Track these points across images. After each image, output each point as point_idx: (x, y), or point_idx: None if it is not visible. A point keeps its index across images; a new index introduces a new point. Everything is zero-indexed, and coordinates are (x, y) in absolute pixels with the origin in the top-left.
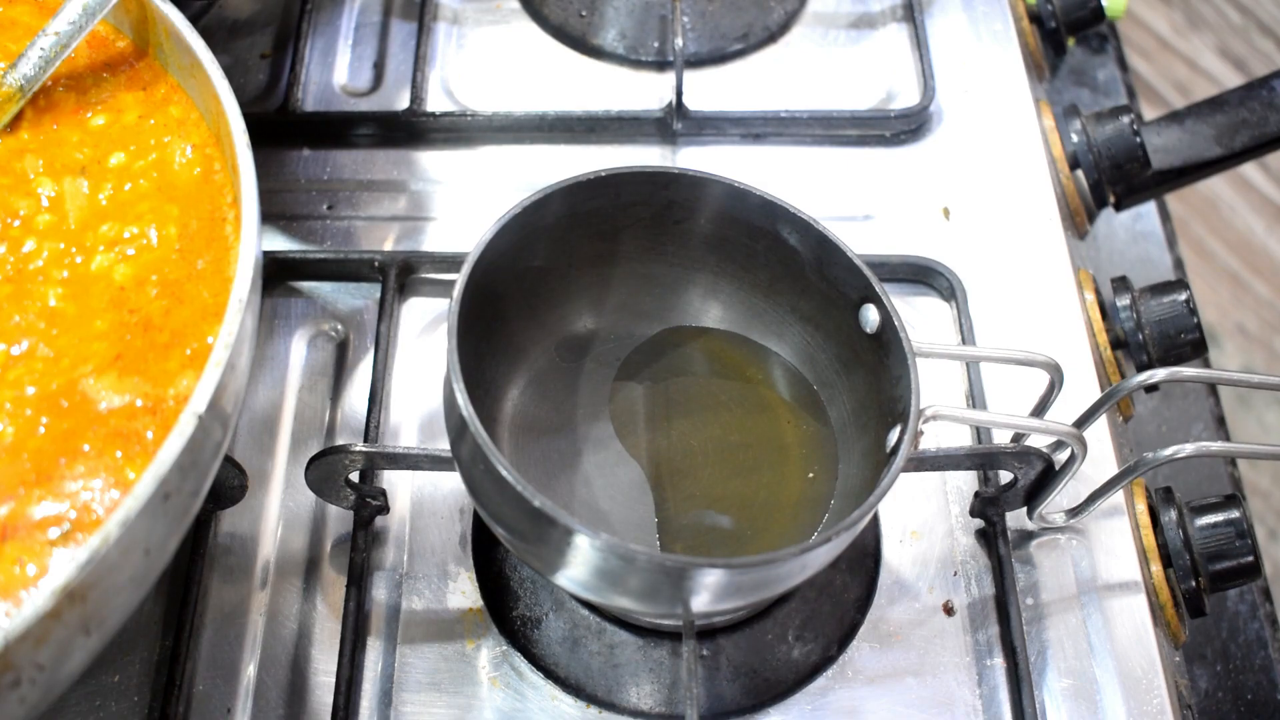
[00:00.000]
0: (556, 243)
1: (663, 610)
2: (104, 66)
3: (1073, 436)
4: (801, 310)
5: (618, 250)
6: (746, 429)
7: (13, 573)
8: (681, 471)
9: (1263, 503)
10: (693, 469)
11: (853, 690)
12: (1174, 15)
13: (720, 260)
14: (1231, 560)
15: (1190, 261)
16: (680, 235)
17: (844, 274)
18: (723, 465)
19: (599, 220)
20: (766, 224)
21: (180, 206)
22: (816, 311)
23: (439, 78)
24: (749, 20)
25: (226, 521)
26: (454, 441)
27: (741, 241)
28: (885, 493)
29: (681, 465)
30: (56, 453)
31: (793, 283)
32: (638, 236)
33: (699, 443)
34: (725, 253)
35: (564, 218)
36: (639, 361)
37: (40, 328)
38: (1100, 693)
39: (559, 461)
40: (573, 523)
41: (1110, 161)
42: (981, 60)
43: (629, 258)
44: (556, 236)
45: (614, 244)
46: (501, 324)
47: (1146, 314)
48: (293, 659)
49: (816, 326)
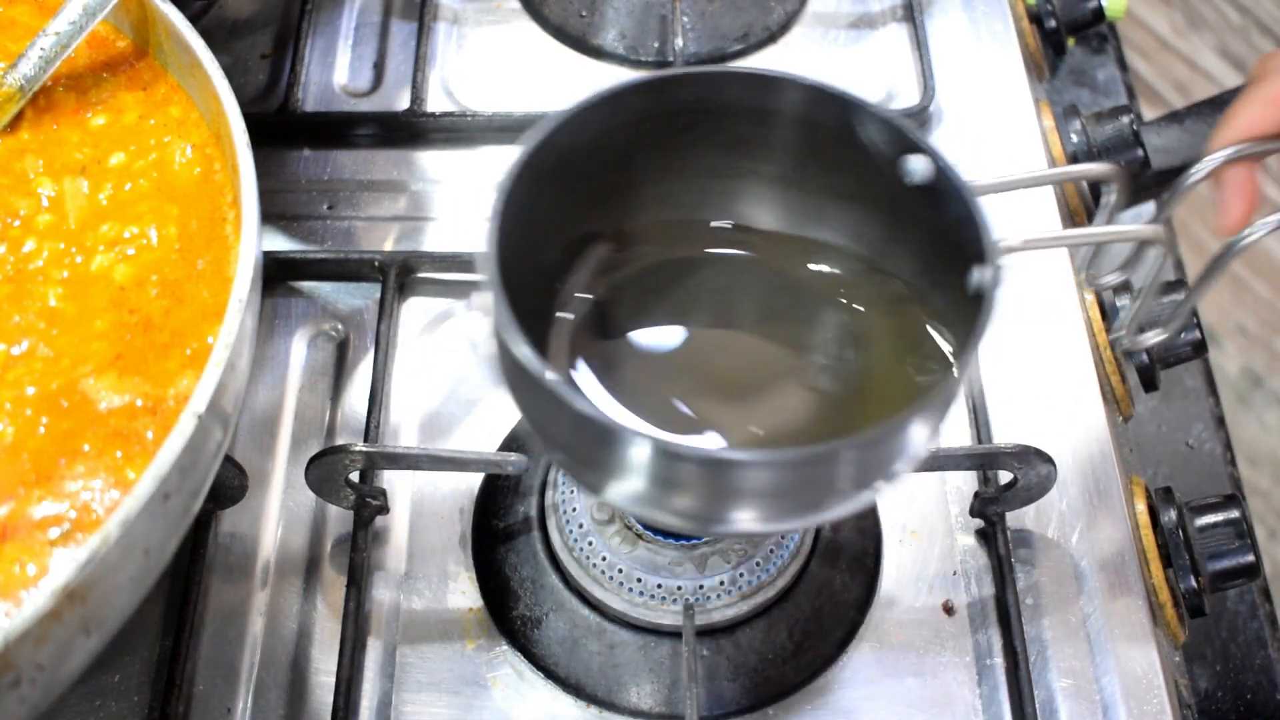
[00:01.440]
0: (574, 160)
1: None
2: (104, 66)
3: (1153, 233)
4: (838, 189)
5: (631, 167)
6: (814, 323)
7: (13, 573)
8: (753, 376)
9: (1262, 503)
10: (766, 373)
11: (853, 690)
12: (1174, 15)
13: (739, 159)
14: (1231, 560)
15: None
16: (691, 143)
17: (875, 133)
18: (796, 363)
19: (613, 140)
20: (780, 104)
21: (180, 206)
22: (854, 185)
23: (439, 78)
24: (749, 20)
25: (226, 521)
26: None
27: (757, 133)
28: (981, 337)
29: (753, 368)
30: (56, 453)
31: (820, 161)
32: (647, 152)
33: (766, 344)
34: (743, 151)
35: (576, 144)
36: (680, 270)
37: (40, 328)
38: (1100, 693)
39: (619, 360)
40: (620, 425)
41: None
42: (981, 60)
43: (644, 171)
44: (572, 154)
45: (628, 160)
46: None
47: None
48: (293, 659)
49: (859, 200)
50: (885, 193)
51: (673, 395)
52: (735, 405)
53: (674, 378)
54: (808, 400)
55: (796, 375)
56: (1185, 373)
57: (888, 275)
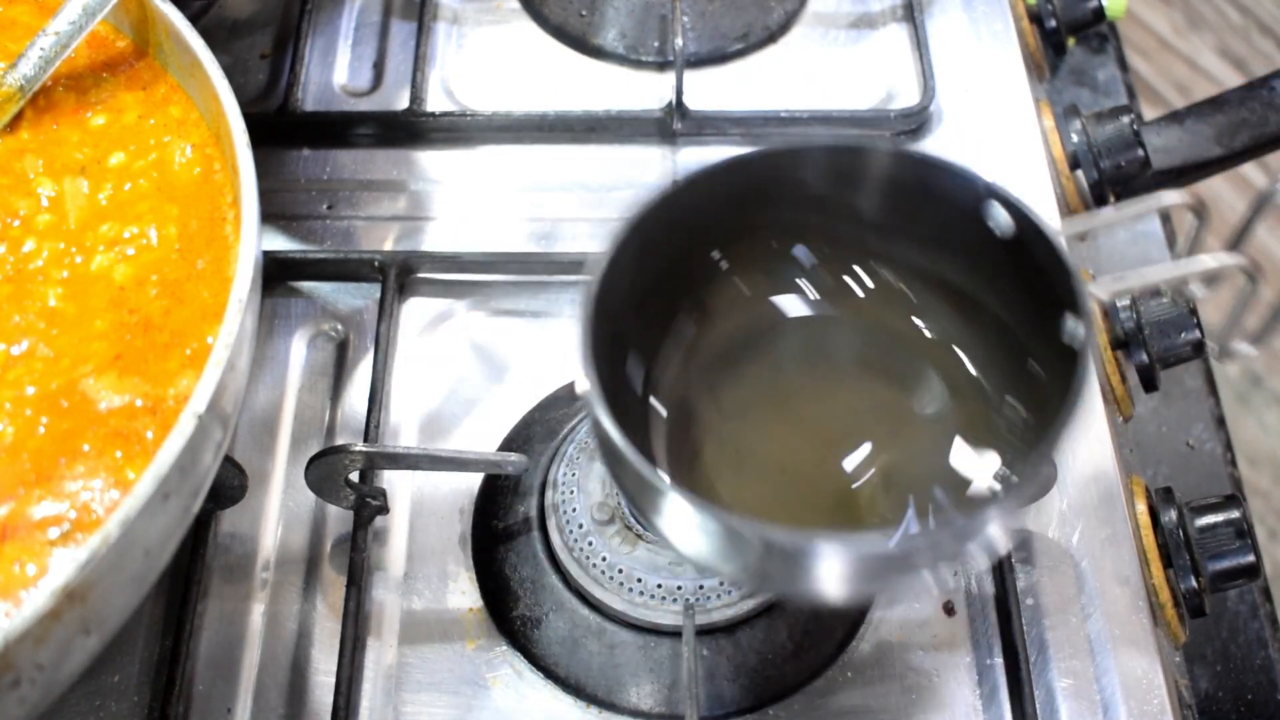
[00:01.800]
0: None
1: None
2: (104, 66)
3: (1238, 262)
4: (921, 239)
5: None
6: (894, 387)
7: (12, 573)
8: (840, 443)
9: (1263, 503)
10: (851, 437)
11: (853, 690)
12: (1174, 15)
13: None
14: (1232, 560)
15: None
16: (753, 222)
17: (951, 186)
18: (882, 430)
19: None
20: (860, 170)
21: (180, 206)
22: (936, 231)
23: (439, 77)
24: (749, 20)
25: (226, 521)
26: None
27: (836, 195)
28: (1082, 391)
29: (839, 436)
30: (56, 453)
31: (902, 216)
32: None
33: (853, 410)
34: (821, 209)
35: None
36: (773, 340)
37: (40, 328)
38: (1100, 693)
39: (712, 439)
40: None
41: (1110, 161)
42: (981, 60)
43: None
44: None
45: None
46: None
47: (1147, 314)
48: (293, 659)
49: (941, 246)
50: (971, 244)
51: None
52: (834, 472)
53: (768, 454)
54: (907, 454)
55: (894, 430)
56: (1185, 373)
57: (983, 326)
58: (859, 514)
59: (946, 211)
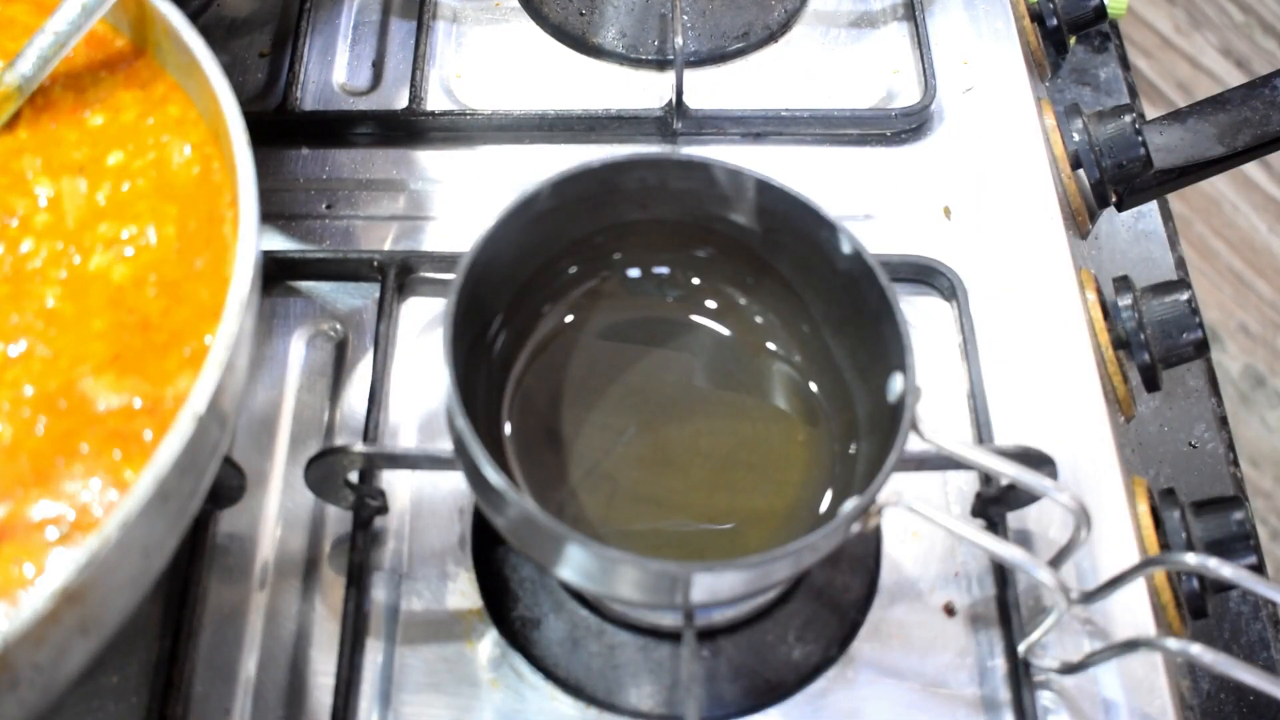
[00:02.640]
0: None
1: (664, 604)
2: (102, 65)
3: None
4: (783, 263)
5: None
6: (740, 403)
7: (11, 574)
8: (683, 455)
9: (1265, 503)
10: (692, 453)
11: (853, 691)
12: (1176, 14)
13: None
14: (1234, 561)
15: (1192, 261)
16: (633, 230)
17: (801, 216)
18: (722, 445)
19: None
20: (702, 187)
21: (179, 206)
22: (797, 263)
23: (438, 76)
24: (749, 19)
25: (225, 521)
26: (456, 447)
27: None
28: (895, 461)
29: (680, 446)
30: (55, 453)
31: (738, 256)
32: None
33: (696, 426)
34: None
35: (550, 210)
36: (623, 348)
37: (38, 328)
38: (1101, 693)
39: (561, 447)
40: (568, 531)
41: (1112, 161)
42: (983, 59)
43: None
44: (545, 228)
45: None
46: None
47: (1148, 314)
48: (292, 659)
49: (801, 278)
50: (827, 278)
51: (620, 481)
52: (680, 483)
53: (619, 457)
54: (749, 478)
55: (739, 454)
56: (1187, 372)
57: (832, 367)
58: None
59: (802, 243)
